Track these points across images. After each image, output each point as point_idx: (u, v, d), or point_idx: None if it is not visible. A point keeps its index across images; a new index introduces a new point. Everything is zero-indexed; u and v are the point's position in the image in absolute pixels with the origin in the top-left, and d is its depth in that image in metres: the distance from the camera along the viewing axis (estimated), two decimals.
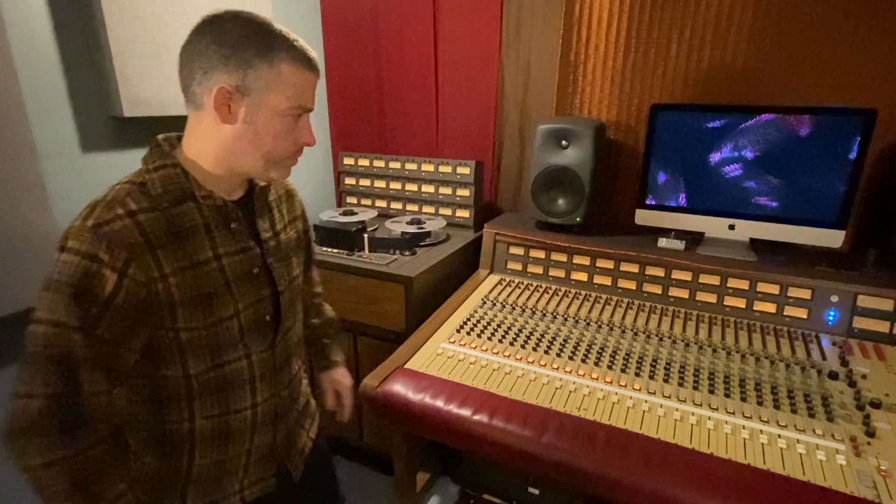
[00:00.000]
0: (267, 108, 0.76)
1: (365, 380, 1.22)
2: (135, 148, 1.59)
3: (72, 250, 0.69)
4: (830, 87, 1.52)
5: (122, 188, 0.75)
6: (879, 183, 1.52)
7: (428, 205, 2.15)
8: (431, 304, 1.58)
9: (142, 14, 1.45)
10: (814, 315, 1.37)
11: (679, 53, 1.68)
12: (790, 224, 1.46)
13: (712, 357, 1.25)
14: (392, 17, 2.11)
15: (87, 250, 0.69)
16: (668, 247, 1.57)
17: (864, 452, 0.95)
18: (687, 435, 1.00)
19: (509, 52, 1.96)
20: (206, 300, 0.79)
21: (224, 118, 0.75)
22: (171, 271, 0.75)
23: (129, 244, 0.71)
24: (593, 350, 1.29)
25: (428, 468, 1.70)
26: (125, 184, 0.76)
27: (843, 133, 1.35)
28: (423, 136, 2.22)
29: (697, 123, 1.52)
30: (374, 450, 1.95)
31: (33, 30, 1.31)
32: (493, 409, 1.09)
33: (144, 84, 1.48)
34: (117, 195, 0.74)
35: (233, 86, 0.74)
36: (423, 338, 1.37)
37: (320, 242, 1.85)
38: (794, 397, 1.10)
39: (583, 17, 1.79)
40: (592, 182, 1.64)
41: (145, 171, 0.78)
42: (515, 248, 1.74)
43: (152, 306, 0.74)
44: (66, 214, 1.42)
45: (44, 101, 1.35)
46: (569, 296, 1.58)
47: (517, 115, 2.03)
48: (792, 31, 1.52)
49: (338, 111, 2.38)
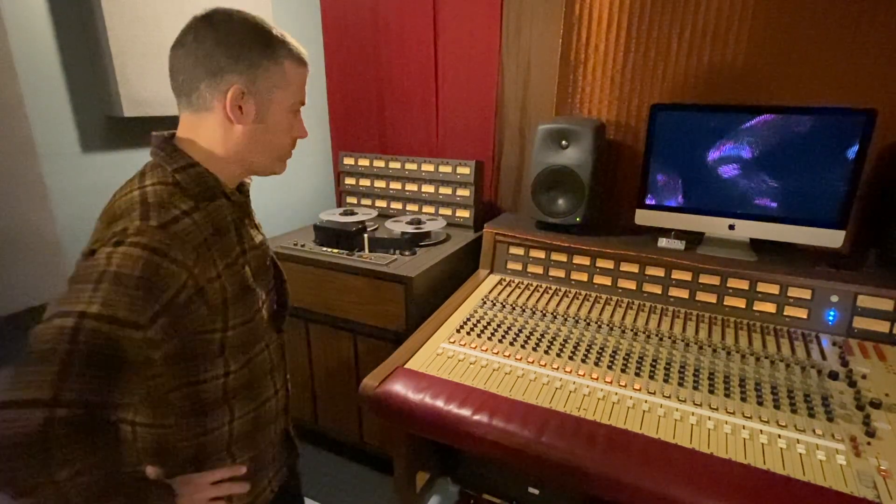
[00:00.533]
0: (275, 105, 0.78)
1: (365, 380, 1.22)
2: (135, 148, 1.59)
3: (136, 245, 0.65)
4: (830, 87, 1.52)
5: (160, 189, 0.72)
6: (879, 183, 1.52)
7: (428, 205, 2.15)
8: (431, 304, 1.58)
9: (142, 14, 1.45)
10: (814, 315, 1.37)
11: (679, 53, 1.68)
12: (790, 224, 1.46)
13: (712, 357, 1.25)
14: (392, 17, 2.11)
15: (156, 246, 0.66)
16: (668, 247, 1.57)
17: (864, 452, 0.95)
18: (687, 435, 1.00)
19: (509, 52, 1.96)
20: (245, 295, 0.80)
21: (237, 118, 0.76)
22: (222, 269, 0.75)
23: (197, 244, 0.71)
24: (593, 350, 1.29)
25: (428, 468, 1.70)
26: (157, 185, 0.73)
27: (843, 133, 1.35)
28: (423, 137, 2.22)
29: (697, 123, 1.52)
30: (374, 450, 1.95)
31: (33, 30, 1.31)
32: (493, 409, 1.09)
33: (144, 84, 1.48)
34: (162, 196, 0.71)
35: (244, 86, 0.75)
36: (423, 338, 1.37)
37: (320, 242, 1.85)
38: (794, 397, 1.10)
39: (583, 17, 1.79)
40: (592, 182, 1.64)
41: (173, 172, 0.75)
42: (515, 248, 1.74)
43: (199, 309, 0.71)
44: (66, 214, 1.43)
45: (44, 101, 1.35)
46: (569, 296, 1.58)
47: (517, 115, 2.03)
48: (792, 31, 1.52)
49: (338, 111, 2.38)
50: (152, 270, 0.64)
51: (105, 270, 0.63)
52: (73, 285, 0.64)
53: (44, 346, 0.59)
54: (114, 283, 0.62)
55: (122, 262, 0.63)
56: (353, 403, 1.89)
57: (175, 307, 0.67)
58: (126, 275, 0.63)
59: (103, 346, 0.60)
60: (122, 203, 0.72)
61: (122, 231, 0.66)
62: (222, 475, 0.81)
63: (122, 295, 0.62)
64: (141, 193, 0.72)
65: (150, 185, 0.73)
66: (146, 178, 0.75)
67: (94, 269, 0.63)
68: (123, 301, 0.62)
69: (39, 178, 1.28)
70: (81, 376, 0.58)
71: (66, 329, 0.59)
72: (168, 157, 0.77)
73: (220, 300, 0.74)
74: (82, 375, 0.59)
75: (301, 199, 2.27)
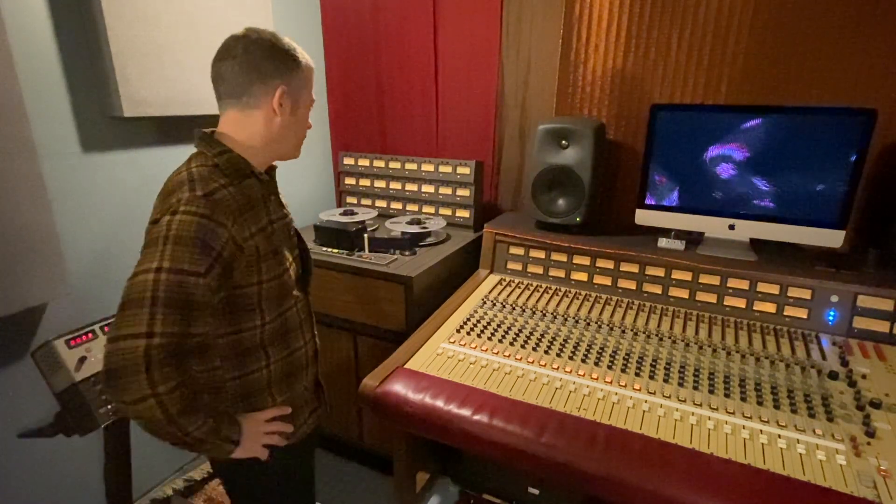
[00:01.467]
0: (302, 102, 0.99)
1: (365, 380, 1.22)
2: (135, 148, 1.59)
3: (189, 213, 0.83)
4: (830, 87, 1.52)
5: (202, 169, 0.89)
6: (879, 183, 1.52)
7: (428, 205, 2.15)
8: (431, 304, 1.58)
9: (142, 14, 1.45)
10: (814, 315, 1.37)
11: (679, 53, 1.68)
12: (790, 224, 1.46)
13: (712, 357, 1.25)
14: (392, 17, 2.11)
15: (203, 212, 0.83)
16: (668, 247, 1.57)
17: (864, 452, 0.95)
18: (687, 435, 1.00)
19: (509, 52, 1.96)
20: (275, 255, 0.97)
21: (280, 113, 0.95)
22: (255, 231, 0.92)
23: (232, 209, 0.88)
24: (593, 350, 1.29)
25: (428, 468, 1.70)
26: (200, 167, 0.90)
27: (843, 133, 1.35)
28: (423, 136, 2.22)
29: (697, 123, 1.52)
30: (374, 450, 1.95)
31: (33, 30, 1.31)
32: (493, 409, 1.09)
33: (144, 84, 1.48)
34: (202, 174, 0.88)
35: (286, 87, 0.94)
36: (422, 338, 1.37)
37: (320, 242, 1.85)
38: (794, 397, 1.10)
39: (583, 16, 1.79)
40: (592, 182, 1.64)
41: (213, 157, 0.92)
42: (515, 248, 1.74)
43: (240, 263, 0.89)
44: (66, 214, 1.43)
45: (44, 101, 1.35)
46: (569, 296, 1.58)
47: (517, 115, 2.03)
48: (792, 31, 1.52)
49: (338, 111, 2.38)
50: (203, 231, 0.83)
51: (167, 234, 0.81)
52: (146, 249, 0.82)
53: (135, 295, 0.78)
54: (175, 244, 0.81)
55: (179, 226, 0.82)
56: (353, 403, 1.89)
57: (223, 259, 0.85)
58: (184, 236, 0.81)
59: (177, 291, 0.79)
60: (174, 181, 0.89)
61: (177, 202, 0.84)
62: (273, 414, 1.02)
63: (184, 252, 0.81)
64: (188, 173, 0.89)
65: (196, 167, 0.90)
66: (192, 162, 0.92)
67: (158, 234, 0.82)
68: (186, 256, 0.81)
69: (39, 178, 1.27)
70: (165, 314, 0.78)
71: (148, 281, 0.79)
72: (208, 145, 0.94)
73: (254, 257, 0.91)
74: (166, 314, 0.78)
75: (301, 199, 2.27)
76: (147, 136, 1.62)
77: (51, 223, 1.31)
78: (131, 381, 0.76)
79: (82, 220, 1.48)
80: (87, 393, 1.15)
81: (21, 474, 1.43)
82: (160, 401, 0.78)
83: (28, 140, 1.24)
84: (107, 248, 1.56)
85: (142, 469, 1.64)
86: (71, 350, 1.16)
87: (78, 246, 1.48)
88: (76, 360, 1.16)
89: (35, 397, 1.38)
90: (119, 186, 1.55)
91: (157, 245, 0.81)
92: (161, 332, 0.77)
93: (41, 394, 1.19)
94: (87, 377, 1.16)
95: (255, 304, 0.95)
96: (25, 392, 1.39)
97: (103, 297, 1.55)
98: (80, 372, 1.16)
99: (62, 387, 1.13)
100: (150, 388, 0.77)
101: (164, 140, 1.66)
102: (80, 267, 1.49)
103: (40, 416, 1.16)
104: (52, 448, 1.48)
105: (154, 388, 0.77)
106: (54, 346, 1.14)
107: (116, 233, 1.57)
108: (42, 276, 1.30)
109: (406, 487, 1.44)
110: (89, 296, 1.52)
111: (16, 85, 1.21)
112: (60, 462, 1.52)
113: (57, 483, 1.52)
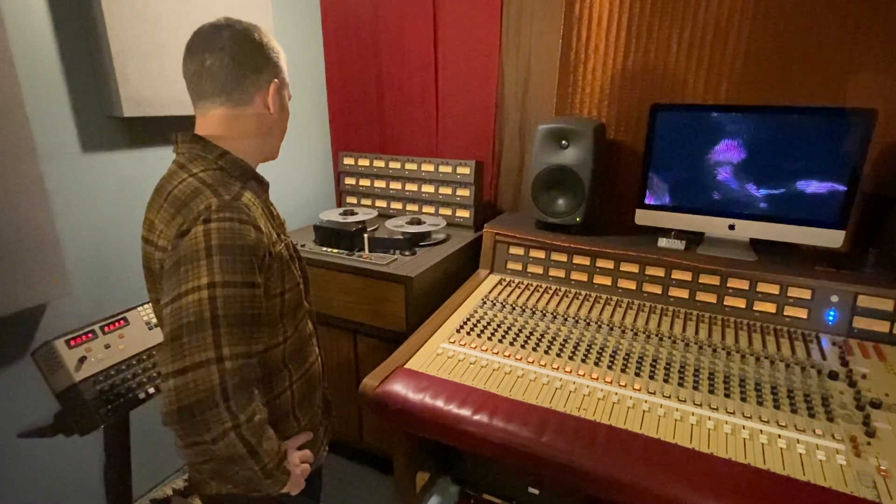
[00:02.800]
0: (285, 96, 0.92)
1: (365, 380, 1.22)
2: (135, 148, 1.59)
3: (225, 219, 0.74)
4: (830, 87, 1.52)
5: (213, 173, 0.82)
6: (879, 183, 1.52)
7: (428, 205, 2.15)
8: (431, 304, 1.58)
9: (142, 14, 1.45)
10: (814, 315, 1.37)
11: (679, 53, 1.68)
12: (790, 224, 1.46)
13: (712, 357, 1.25)
14: (392, 17, 2.11)
15: (241, 217, 0.76)
16: (668, 247, 1.57)
17: (864, 452, 0.95)
18: (687, 435, 1.00)
19: (509, 51, 1.96)
20: (291, 261, 0.90)
21: (273, 108, 0.88)
22: (277, 237, 0.86)
23: (259, 214, 0.82)
24: (593, 350, 1.29)
25: (428, 468, 1.70)
26: (207, 171, 0.82)
27: (843, 133, 1.35)
28: (422, 136, 2.22)
29: (697, 123, 1.52)
30: (374, 450, 1.95)
31: (33, 30, 1.31)
32: (493, 409, 1.09)
33: (144, 84, 1.48)
34: (216, 178, 0.81)
35: (279, 82, 0.88)
36: (422, 338, 1.37)
37: (320, 242, 1.85)
38: (794, 397, 1.10)
39: (583, 17, 1.79)
40: (592, 182, 1.64)
41: (214, 159, 0.84)
42: (515, 248, 1.74)
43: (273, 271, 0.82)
44: (66, 214, 1.43)
45: (44, 101, 1.35)
46: (569, 296, 1.58)
47: (517, 115, 2.03)
48: (792, 31, 1.52)
49: (338, 111, 2.38)
50: (246, 237, 0.75)
51: (209, 245, 0.72)
52: (184, 266, 0.72)
53: (190, 318, 0.69)
54: (221, 254, 0.72)
55: (219, 235, 0.73)
56: (353, 403, 1.89)
57: (264, 265, 0.79)
58: (228, 245, 0.73)
59: (237, 306, 0.72)
60: (182, 189, 0.79)
61: (206, 209, 0.75)
62: (301, 441, 0.95)
63: (233, 262, 0.72)
64: (198, 178, 0.80)
65: (201, 172, 0.81)
66: (192, 167, 0.82)
67: (196, 247, 0.72)
68: (237, 266, 0.73)
69: (39, 178, 1.27)
70: (231, 334, 0.70)
71: (203, 300, 0.70)
72: (204, 149, 0.84)
73: (282, 264, 0.85)
74: (232, 333, 0.71)
75: (301, 199, 2.27)
76: (147, 136, 1.62)
77: (51, 223, 1.31)
78: (211, 416, 0.67)
79: (82, 220, 1.48)
80: (87, 393, 1.15)
81: (21, 474, 1.43)
82: (240, 434, 0.70)
83: (28, 140, 1.24)
84: (107, 248, 1.56)
85: (142, 469, 1.64)
86: (71, 350, 1.16)
87: (78, 246, 1.48)
88: (76, 360, 1.16)
89: (35, 397, 1.38)
90: (119, 186, 1.55)
91: (198, 259, 0.71)
92: (231, 353, 0.70)
93: (41, 394, 1.19)
94: (87, 377, 1.16)
95: (278, 318, 0.87)
96: (25, 392, 1.39)
97: (103, 297, 1.55)
98: (80, 372, 1.16)
99: (62, 387, 1.13)
100: (230, 420, 0.69)
101: (164, 140, 1.66)
102: (80, 267, 1.49)
103: (40, 416, 1.16)
104: (52, 448, 1.48)
105: (235, 418, 0.69)
106: (54, 346, 1.14)
107: (116, 233, 1.57)
108: (42, 276, 1.30)
109: (406, 487, 1.44)
110: (89, 296, 1.52)
111: (16, 85, 1.21)
112: (60, 462, 1.52)
113: (57, 483, 1.52)
